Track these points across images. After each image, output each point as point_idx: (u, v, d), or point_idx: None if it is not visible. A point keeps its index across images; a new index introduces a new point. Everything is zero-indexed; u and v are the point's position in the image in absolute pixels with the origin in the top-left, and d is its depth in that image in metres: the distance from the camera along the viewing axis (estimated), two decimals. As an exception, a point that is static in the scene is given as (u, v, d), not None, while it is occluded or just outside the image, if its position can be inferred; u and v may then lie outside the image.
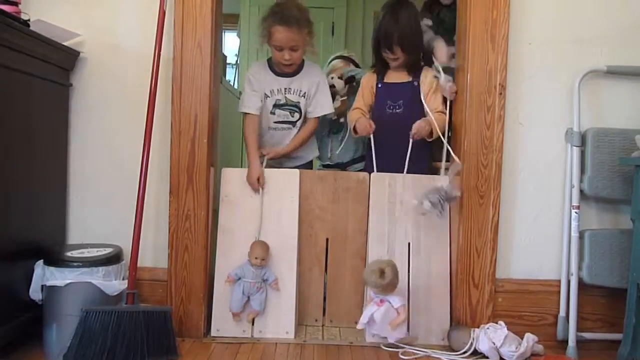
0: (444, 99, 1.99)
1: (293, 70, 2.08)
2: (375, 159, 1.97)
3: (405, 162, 1.92)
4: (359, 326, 1.75)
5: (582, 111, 1.79)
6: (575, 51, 1.82)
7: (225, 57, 3.49)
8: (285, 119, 2.11)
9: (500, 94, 1.78)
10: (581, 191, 1.78)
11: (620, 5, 1.82)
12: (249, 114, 2.04)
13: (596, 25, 1.82)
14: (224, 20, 1.97)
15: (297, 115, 2.11)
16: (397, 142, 1.97)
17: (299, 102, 2.10)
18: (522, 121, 1.83)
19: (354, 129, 2.09)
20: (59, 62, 1.75)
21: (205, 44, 1.78)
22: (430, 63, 2.10)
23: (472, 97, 1.80)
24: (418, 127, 1.92)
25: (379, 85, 2.14)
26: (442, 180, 1.91)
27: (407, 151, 1.93)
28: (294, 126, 2.13)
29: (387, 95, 2.12)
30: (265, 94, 2.08)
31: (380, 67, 2.14)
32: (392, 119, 2.07)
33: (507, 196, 1.82)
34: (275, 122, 2.11)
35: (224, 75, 2.43)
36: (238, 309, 1.80)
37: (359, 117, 2.06)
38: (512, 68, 1.81)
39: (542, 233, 1.84)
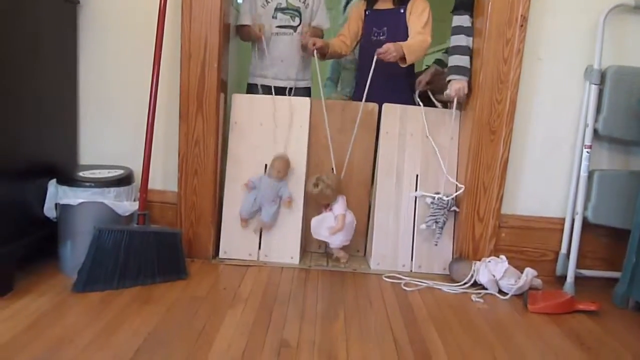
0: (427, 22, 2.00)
1: None
2: (361, 86, 1.96)
3: (385, 90, 1.97)
4: (312, 232, 1.87)
5: (605, 48, 1.73)
6: (603, -16, 1.73)
7: (237, -23, 3.34)
8: (287, 23, 2.15)
9: (522, 25, 1.71)
10: (594, 131, 1.75)
11: None
12: (245, 26, 2.10)
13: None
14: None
15: (297, 20, 2.15)
16: (380, 70, 1.93)
17: (299, 8, 2.15)
18: (541, 56, 1.78)
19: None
20: (65, -24, 1.70)
21: (216, -38, 1.70)
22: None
23: (491, 29, 1.73)
24: (385, 47, 1.89)
25: (367, 13, 2.15)
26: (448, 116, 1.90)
27: (391, 79, 2.01)
28: (295, 31, 2.16)
29: (373, 22, 2.13)
30: (267, 0, 2.12)
31: None
32: (376, 46, 2.01)
33: (518, 133, 1.80)
34: (277, 27, 2.14)
35: (236, -3, 2.35)
36: (247, 216, 1.85)
37: (338, 43, 2.13)
38: (536, -1, 1.73)
39: (552, 171, 1.84)
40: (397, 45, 1.89)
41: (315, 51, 1.99)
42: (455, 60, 1.85)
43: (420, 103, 1.95)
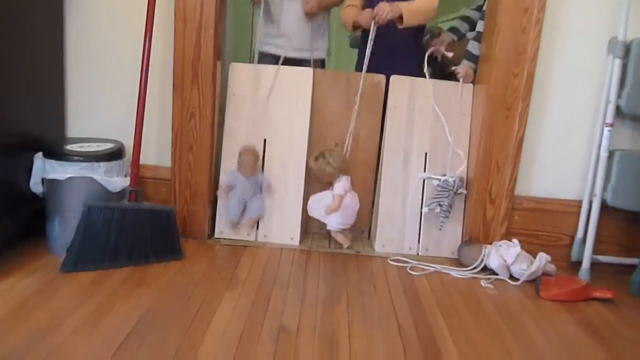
0: None
1: None
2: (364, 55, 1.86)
3: (390, 60, 1.90)
4: (308, 208, 1.80)
5: (630, 20, 1.61)
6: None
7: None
8: None
9: (542, -8, 1.61)
10: (617, 107, 1.65)
11: None
12: None
13: None
14: None
15: None
16: (383, 38, 1.85)
17: None
18: (561, 26, 1.67)
19: (354, 25, 1.96)
20: None
21: None
22: None
23: (508, -4, 1.62)
24: (378, 8, 1.78)
25: None
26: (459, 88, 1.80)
27: (393, 46, 1.92)
28: None
29: None
30: None
31: None
32: None
33: (535, 109, 1.71)
34: None
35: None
36: (236, 217, 1.77)
37: (356, 13, 1.96)
38: (558, -35, 1.62)
39: (570, 151, 1.75)
40: (393, 4, 1.79)
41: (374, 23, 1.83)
42: (472, 46, 1.86)
43: (427, 73, 1.84)
